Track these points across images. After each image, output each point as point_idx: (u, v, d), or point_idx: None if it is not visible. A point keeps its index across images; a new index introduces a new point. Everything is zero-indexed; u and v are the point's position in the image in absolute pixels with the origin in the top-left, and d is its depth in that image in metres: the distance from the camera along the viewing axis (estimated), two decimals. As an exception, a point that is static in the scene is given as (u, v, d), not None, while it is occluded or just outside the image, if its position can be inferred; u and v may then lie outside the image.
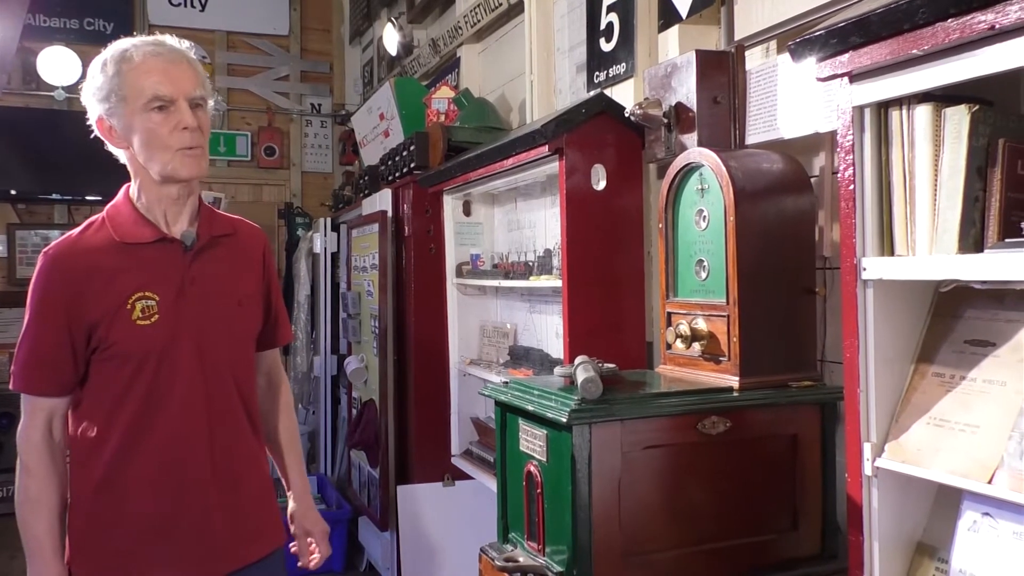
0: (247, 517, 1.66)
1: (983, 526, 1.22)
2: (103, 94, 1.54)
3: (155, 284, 1.56)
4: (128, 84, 1.52)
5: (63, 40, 6.14)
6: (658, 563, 1.61)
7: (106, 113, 1.56)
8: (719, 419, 1.64)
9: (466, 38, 4.13)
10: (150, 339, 1.54)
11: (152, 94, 1.52)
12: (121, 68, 1.53)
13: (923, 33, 1.15)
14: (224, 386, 1.63)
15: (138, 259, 1.57)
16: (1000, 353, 1.24)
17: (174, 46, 1.60)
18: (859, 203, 1.31)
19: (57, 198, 6.12)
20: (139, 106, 1.52)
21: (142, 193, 1.61)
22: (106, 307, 1.53)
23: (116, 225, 1.60)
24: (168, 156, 1.54)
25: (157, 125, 1.52)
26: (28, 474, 1.55)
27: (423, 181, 3.32)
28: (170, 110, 1.53)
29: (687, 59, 2.04)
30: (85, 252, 1.57)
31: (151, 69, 1.53)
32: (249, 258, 1.74)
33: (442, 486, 3.31)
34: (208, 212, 1.69)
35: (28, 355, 1.55)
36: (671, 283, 1.90)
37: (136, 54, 1.54)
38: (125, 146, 1.58)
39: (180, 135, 1.53)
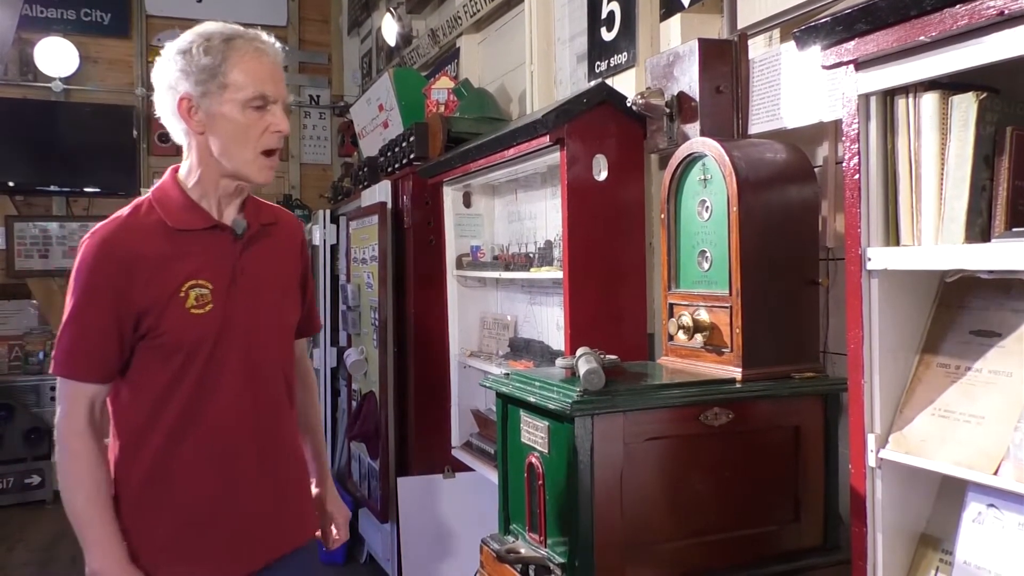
0: (288, 506, 1.66)
1: (988, 517, 1.21)
2: (202, 75, 1.47)
3: (208, 272, 1.54)
4: (234, 73, 1.48)
5: (60, 31, 6.12)
6: (660, 554, 1.60)
7: (198, 94, 1.48)
8: (721, 410, 1.63)
9: (465, 28, 4.11)
10: (204, 328, 1.52)
11: (258, 92, 1.49)
12: (229, 55, 1.48)
13: (930, 19, 1.14)
14: (270, 376, 1.63)
15: (190, 246, 1.54)
16: (1006, 344, 1.24)
17: (275, 47, 1.56)
18: (864, 192, 1.30)
19: (55, 190, 6.11)
20: (239, 99, 1.48)
21: (201, 179, 1.55)
22: (158, 294, 1.49)
23: (166, 210, 1.55)
24: (250, 156, 1.51)
25: (251, 122, 1.49)
26: (76, 460, 1.50)
27: (423, 172, 3.30)
28: (267, 111, 1.50)
29: (689, 48, 2.02)
30: (135, 236, 1.52)
31: (259, 66, 1.50)
32: (290, 248, 1.73)
33: (442, 478, 3.30)
34: (253, 201, 1.66)
35: (73, 341, 1.50)
36: (673, 274, 1.89)
37: (246, 47, 1.50)
38: (199, 131, 1.51)
39: (269, 137, 1.52)
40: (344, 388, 4.57)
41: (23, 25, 5.66)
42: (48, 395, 5.90)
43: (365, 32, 6.27)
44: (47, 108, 6.06)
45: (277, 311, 1.65)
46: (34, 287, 6.10)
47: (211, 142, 1.52)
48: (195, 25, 1.54)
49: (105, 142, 6.13)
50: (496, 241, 3.22)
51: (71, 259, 5.64)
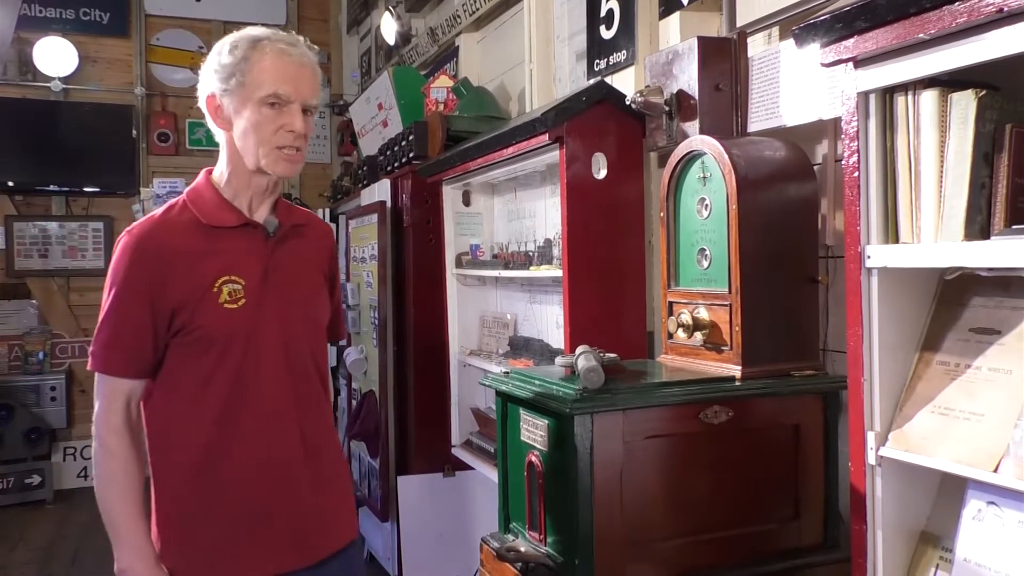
0: (332, 503, 1.67)
1: (988, 515, 1.21)
2: (226, 73, 1.53)
3: (240, 268, 1.56)
4: (252, 72, 1.52)
5: (59, 30, 6.11)
6: (660, 552, 1.60)
7: (221, 92, 1.54)
8: (721, 408, 1.63)
9: (465, 27, 4.10)
10: (237, 322, 1.54)
11: (272, 90, 1.52)
12: (250, 55, 1.52)
13: (930, 17, 1.14)
14: (307, 372, 1.64)
15: (222, 243, 1.57)
16: (1006, 341, 1.23)
17: (305, 50, 1.59)
18: (863, 190, 1.30)
19: (55, 189, 6.11)
20: (255, 97, 1.52)
21: (232, 178, 1.60)
22: (191, 289, 1.52)
23: (200, 208, 1.59)
24: (265, 151, 1.54)
25: (265, 120, 1.53)
26: (112, 457, 1.51)
27: (422, 171, 3.30)
28: (282, 110, 1.53)
29: (689, 46, 2.02)
30: (169, 233, 1.55)
31: (278, 66, 1.53)
32: (319, 251, 1.76)
33: (442, 476, 3.30)
34: (284, 203, 1.70)
35: (110, 336, 1.52)
36: (672, 272, 1.89)
37: (269, 47, 1.54)
38: (227, 128, 1.57)
39: (283, 135, 1.54)
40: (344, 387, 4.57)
41: (22, 24, 5.65)
42: (48, 395, 5.91)
43: (364, 31, 6.26)
44: (46, 108, 6.05)
45: (309, 308, 1.68)
46: (34, 287, 6.10)
47: (235, 139, 1.57)
48: (194, 24, 1.56)
49: (104, 142, 6.13)
50: (496, 239, 3.22)
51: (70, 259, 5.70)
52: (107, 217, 6.28)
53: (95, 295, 6.21)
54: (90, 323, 6.19)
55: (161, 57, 6.47)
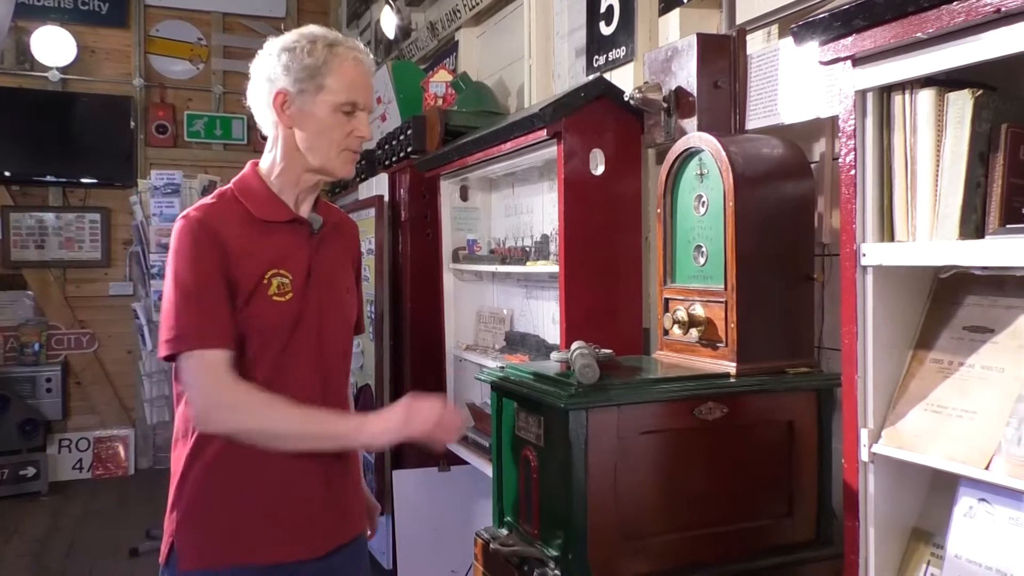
0: (348, 497, 1.70)
1: (979, 512, 1.22)
2: (302, 74, 1.56)
3: (288, 263, 1.59)
4: (331, 77, 1.56)
5: (57, 19, 6.10)
6: (653, 548, 1.61)
7: (296, 91, 1.57)
8: (716, 405, 1.64)
9: (464, 21, 4.10)
10: (284, 315, 1.56)
11: (350, 98, 1.58)
12: (330, 60, 1.56)
13: (927, 16, 1.14)
14: (337, 368, 1.69)
15: (272, 236, 1.59)
16: (999, 340, 1.24)
17: (371, 59, 1.66)
18: (860, 188, 1.30)
19: (52, 180, 6.10)
20: (332, 101, 1.56)
21: (283, 173, 1.63)
22: (246, 278, 1.54)
23: (250, 200, 1.61)
24: (334, 153, 1.60)
25: (339, 124, 1.58)
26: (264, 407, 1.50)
27: (420, 165, 3.30)
28: (353, 116, 1.60)
29: (688, 43, 2.02)
30: (226, 221, 1.57)
31: (356, 74, 1.59)
32: (350, 248, 1.80)
33: (437, 471, 3.31)
34: (323, 202, 1.74)
35: (198, 312, 1.50)
36: (669, 269, 1.90)
37: (347, 54, 1.58)
38: (290, 125, 1.59)
39: (352, 140, 1.61)
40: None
41: (20, 13, 5.64)
42: (44, 386, 5.91)
43: (364, 24, 6.25)
44: (44, 98, 6.04)
45: (343, 306, 1.71)
46: (30, 278, 6.09)
47: (297, 137, 1.60)
48: (194, 15, 1.56)
49: (102, 133, 6.12)
50: (493, 235, 3.22)
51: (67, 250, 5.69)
52: (104, 209, 6.27)
53: (91, 287, 6.27)
54: (85, 315, 6.20)
55: (160, 48, 6.45)
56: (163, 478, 5.73)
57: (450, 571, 3.16)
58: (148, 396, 5.79)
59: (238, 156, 6.61)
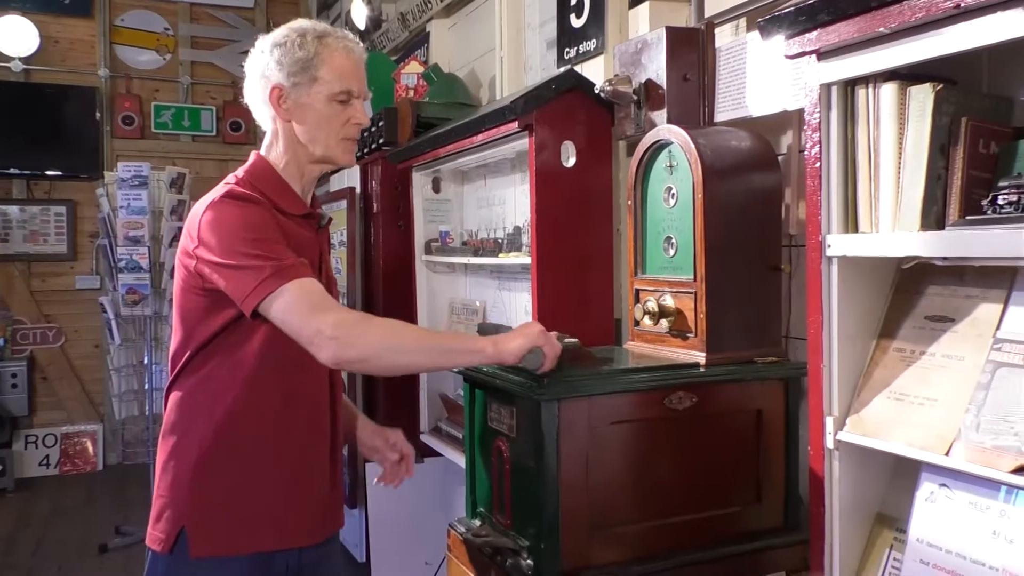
0: (339, 486, 1.73)
1: (940, 497, 1.25)
2: (295, 68, 1.58)
3: (305, 254, 1.59)
4: (324, 69, 1.59)
5: (19, 8, 5.97)
6: (625, 536, 1.63)
7: (290, 84, 1.59)
8: (685, 394, 1.66)
9: (435, 13, 4.08)
10: None
11: (344, 88, 1.60)
12: (321, 51, 1.59)
13: (890, 11, 1.16)
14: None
15: (289, 227, 1.59)
16: (959, 329, 1.27)
17: (362, 47, 1.68)
18: (825, 180, 1.33)
19: (15, 173, 5.98)
20: (327, 93, 1.59)
21: (288, 166, 1.65)
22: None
23: (271, 190, 1.61)
24: (334, 142, 1.63)
25: (336, 114, 1.61)
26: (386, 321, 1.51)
27: (392, 157, 3.29)
28: (349, 104, 1.62)
29: (657, 36, 2.03)
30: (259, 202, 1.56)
31: (348, 63, 1.62)
32: (329, 241, 1.84)
33: (411, 463, 3.30)
34: (315, 195, 1.75)
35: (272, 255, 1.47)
36: (639, 260, 1.91)
37: (337, 44, 1.61)
38: (288, 119, 1.62)
39: (350, 128, 1.63)
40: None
41: (-19, 3, 5.52)
42: (9, 381, 5.81)
43: (335, 15, 6.20)
44: (6, 89, 5.91)
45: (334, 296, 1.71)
46: (-6, 272, 5.98)
47: (297, 130, 1.62)
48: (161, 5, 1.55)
49: (67, 124, 6.01)
50: (465, 226, 3.22)
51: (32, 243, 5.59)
52: (70, 201, 6.16)
53: (57, 280, 6.17)
54: (52, 309, 6.10)
55: (126, 38, 6.34)
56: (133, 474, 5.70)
57: (424, 563, 3.17)
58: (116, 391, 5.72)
59: (207, 148, 6.53)
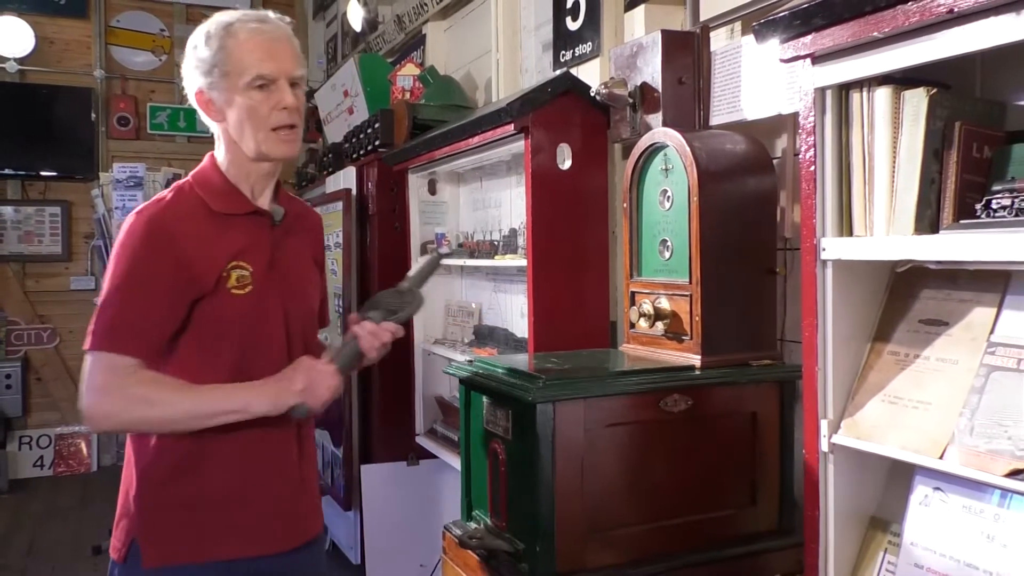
0: (309, 497, 1.69)
1: (934, 500, 1.26)
2: (206, 67, 1.53)
3: (248, 255, 1.56)
4: (232, 60, 1.51)
5: (15, 9, 5.96)
6: (620, 539, 1.63)
7: (207, 86, 1.54)
8: (681, 397, 1.66)
9: (432, 15, 4.09)
10: (243, 309, 1.54)
11: (255, 73, 1.51)
12: (226, 43, 1.52)
13: (884, 16, 1.16)
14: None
15: (231, 229, 1.56)
16: (953, 332, 1.27)
17: (277, 22, 1.57)
18: (819, 184, 1.33)
19: (10, 173, 5.97)
20: (241, 83, 1.52)
21: (232, 166, 1.60)
22: (204, 273, 1.51)
23: (208, 193, 1.58)
24: (263, 135, 1.54)
25: (257, 103, 1.52)
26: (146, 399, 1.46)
27: (388, 159, 3.29)
28: (271, 89, 1.53)
29: (652, 39, 2.04)
30: (182, 216, 1.53)
31: (255, 46, 1.52)
32: (314, 240, 1.77)
33: (406, 465, 3.31)
34: (284, 191, 1.70)
35: (121, 315, 1.48)
36: (635, 263, 1.92)
37: (241, 30, 1.53)
38: (220, 119, 1.57)
39: (279, 114, 1.53)
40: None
41: (-24, 3, 5.51)
42: (3, 382, 5.79)
43: (330, 17, 6.20)
44: (1, 89, 5.90)
45: (306, 299, 1.69)
46: (-11, 273, 5.96)
47: (231, 129, 1.56)
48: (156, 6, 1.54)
49: (62, 125, 6.00)
50: (461, 228, 3.22)
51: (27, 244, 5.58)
52: (65, 202, 6.15)
53: (51, 281, 6.16)
54: (46, 309, 6.08)
55: (121, 39, 6.34)
56: (127, 475, 5.43)
57: (419, 565, 3.16)
58: (111, 392, 5.70)
59: (202, 148, 6.43)
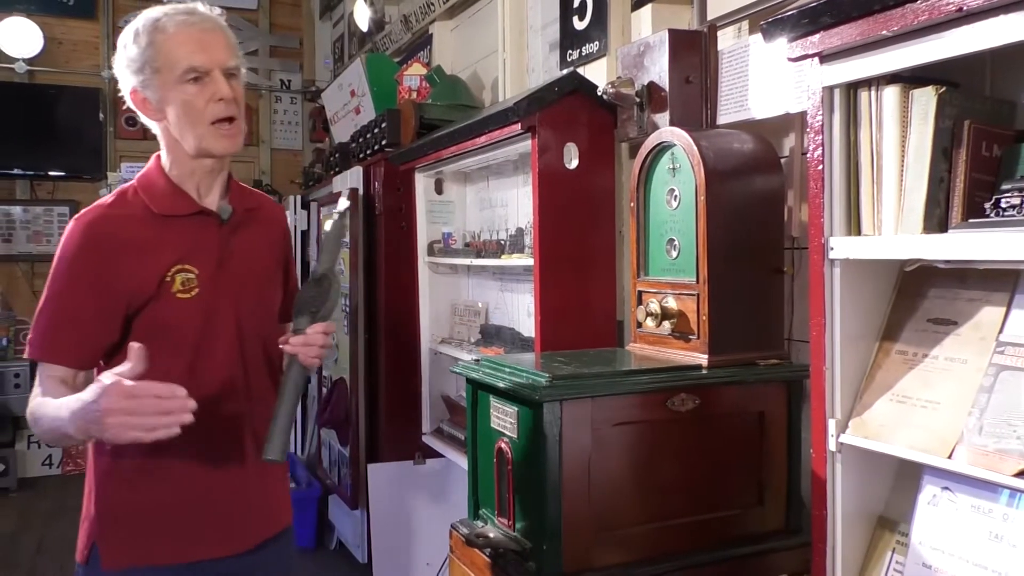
0: (272, 490, 1.68)
1: (942, 500, 1.25)
2: (137, 66, 1.49)
3: (194, 257, 1.54)
4: (162, 55, 1.48)
5: (24, 10, 5.98)
6: (627, 538, 1.63)
7: (140, 85, 1.51)
8: (688, 396, 1.66)
9: (438, 14, 4.09)
10: (191, 313, 1.52)
11: (187, 65, 1.47)
12: (154, 38, 1.48)
13: (892, 14, 1.16)
14: (259, 360, 1.63)
15: (175, 231, 1.54)
16: (961, 331, 1.27)
17: (206, 13, 1.54)
18: (827, 183, 1.33)
19: (19, 173, 5.99)
20: (174, 78, 1.48)
21: (174, 166, 1.57)
22: (145, 279, 1.49)
23: (151, 196, 1.55)
24: (202, 130, 1.50)
25: (192, 97, 1.48)
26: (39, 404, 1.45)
27: (394, 159, 3.30)
28: (205, 81, 1.49)
29: (660, 38, 2.04)
30: (121, 222, 1.52)
31: (185, 39, 1.48)
32: (272, 233, 1.73)
33: (413, 464, 3.31)
34: (236, 186, 1.67)
35: (51, 323, 1.49)
36: (642, 262, 1.91)
37: (169, 23, 1.49)
38: (159, 118, 1.53)
39: (215, 107, 1.49)
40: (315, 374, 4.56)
41: (-15, 4, 5.53)
42: (12, 381, 5.81)
43: (337, 17, 6.21)
44: (10, 90, 5.92)
45: (262, 296, 1.66)
46: (-3, 273, 5.99)
47: (171, 127, 1.53)
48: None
49: (70, 125, 6.02)
50: (468, 228, 3.23)
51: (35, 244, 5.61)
52: (73, 201, 6.17)
53: (61, 281, 6.16)
54: (55, 309, 6.10)
55: (129, 40, 6.36)
56: (135, 474, 5.39)
57: (425, 564, 3.17)
58: (119, 391, 5.71)
59: (210, 149, 6.53)
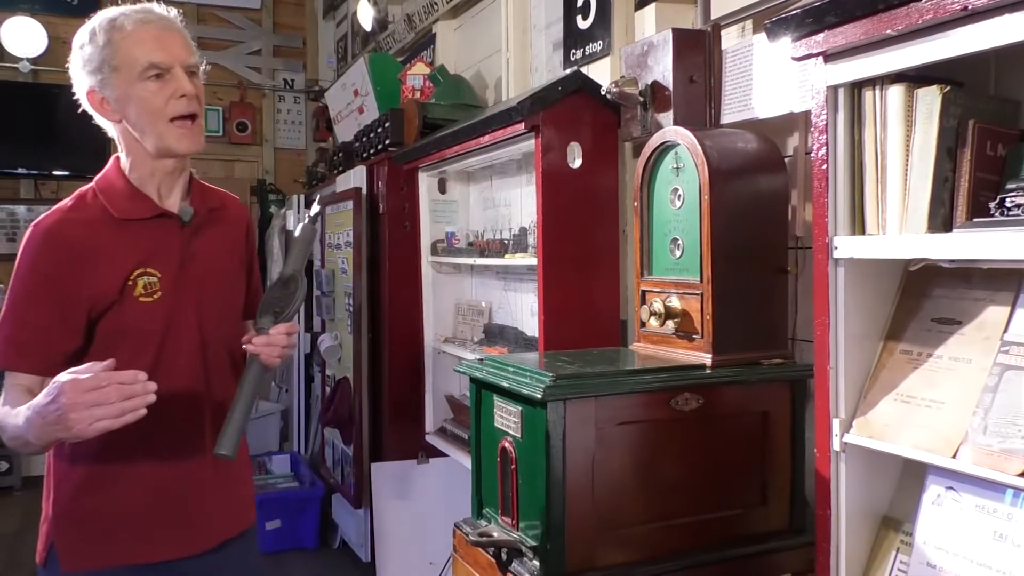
0: (234, 492, 1.68)
1: (947, 500, 1.25)
2: (94, 65, 1.48)
3: (155, 260, 1.53)
4: (121, 53, 1.46)
5: (28, 10, 6.00)
6: (630, 537, 1.62)
7: (98, 85, 1.49)
8: (692, 396, 1.66)
9: (442, 14, 4.09)
10: (153, 316, 1.52)
11: (147, 62, 1.46)
12: (112, 37, 1.47)
13: (897, 13, 1.16)
14: (221, 362, 1.63)
15: (136, 235, 1.53)
16: (966, 331, 1.27)
17: (163, 13, 1.54)
18: (831, 182, 1.32)
19: (23, 172, 6.01)
20: (134, 75, 1.46)
21: (134, 168, 1.55)
22: (106, 283, 1.49)
23: (110, 199, 1.54)
24: (162, 127, 1.49)
25: (153, 94, 1.47)
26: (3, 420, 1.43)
27: (398, 158, 3.30)
28: (166, 78, 1.48)
29: (663, 37, 2.04)
30: (80, 226, 1.51)
31: (144, 37, 1.47)
32: (235, 232, 1.73)
33: (416, 463, 3.32)
34: (198, 186, 1.66)
35: (13, 331, 1.48)
36: (646, 261, 1.91)
37: (127, 22, 1.48)
38: (117, 119, 1.52)
39: (176, 103, 1.48)
40: (318, 374, 4.57)
41: (-11, 4, 5.55)
42: (16, 381, 5.84)
43: (340, 16, 6.21)
44: (14, 89, 5.94)
45: (225, 297, 1.66)
46: (1, 271, 6.00)
47: (132, 126, 1.51)
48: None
49: (75, 124, 5.93)
50: (471, 227, 3.23)
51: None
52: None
53: (65, 280, 6.17)
54: (60, 308, 6.11)
55: (133, 39, 6.37)
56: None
57: (428, 563, 3.17)
58: (123, 390, 5.72)
59: (213, 149, 6.54)
